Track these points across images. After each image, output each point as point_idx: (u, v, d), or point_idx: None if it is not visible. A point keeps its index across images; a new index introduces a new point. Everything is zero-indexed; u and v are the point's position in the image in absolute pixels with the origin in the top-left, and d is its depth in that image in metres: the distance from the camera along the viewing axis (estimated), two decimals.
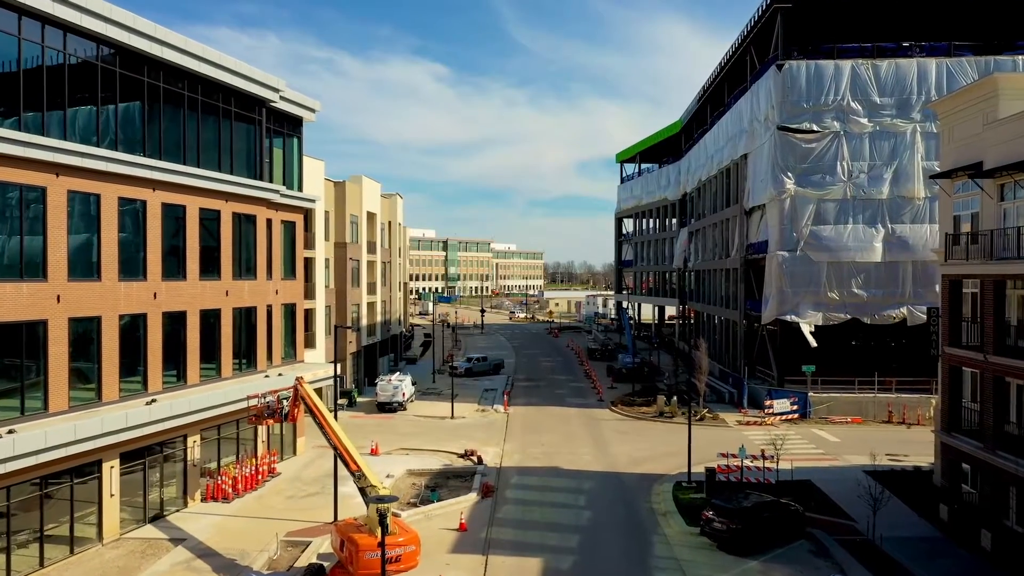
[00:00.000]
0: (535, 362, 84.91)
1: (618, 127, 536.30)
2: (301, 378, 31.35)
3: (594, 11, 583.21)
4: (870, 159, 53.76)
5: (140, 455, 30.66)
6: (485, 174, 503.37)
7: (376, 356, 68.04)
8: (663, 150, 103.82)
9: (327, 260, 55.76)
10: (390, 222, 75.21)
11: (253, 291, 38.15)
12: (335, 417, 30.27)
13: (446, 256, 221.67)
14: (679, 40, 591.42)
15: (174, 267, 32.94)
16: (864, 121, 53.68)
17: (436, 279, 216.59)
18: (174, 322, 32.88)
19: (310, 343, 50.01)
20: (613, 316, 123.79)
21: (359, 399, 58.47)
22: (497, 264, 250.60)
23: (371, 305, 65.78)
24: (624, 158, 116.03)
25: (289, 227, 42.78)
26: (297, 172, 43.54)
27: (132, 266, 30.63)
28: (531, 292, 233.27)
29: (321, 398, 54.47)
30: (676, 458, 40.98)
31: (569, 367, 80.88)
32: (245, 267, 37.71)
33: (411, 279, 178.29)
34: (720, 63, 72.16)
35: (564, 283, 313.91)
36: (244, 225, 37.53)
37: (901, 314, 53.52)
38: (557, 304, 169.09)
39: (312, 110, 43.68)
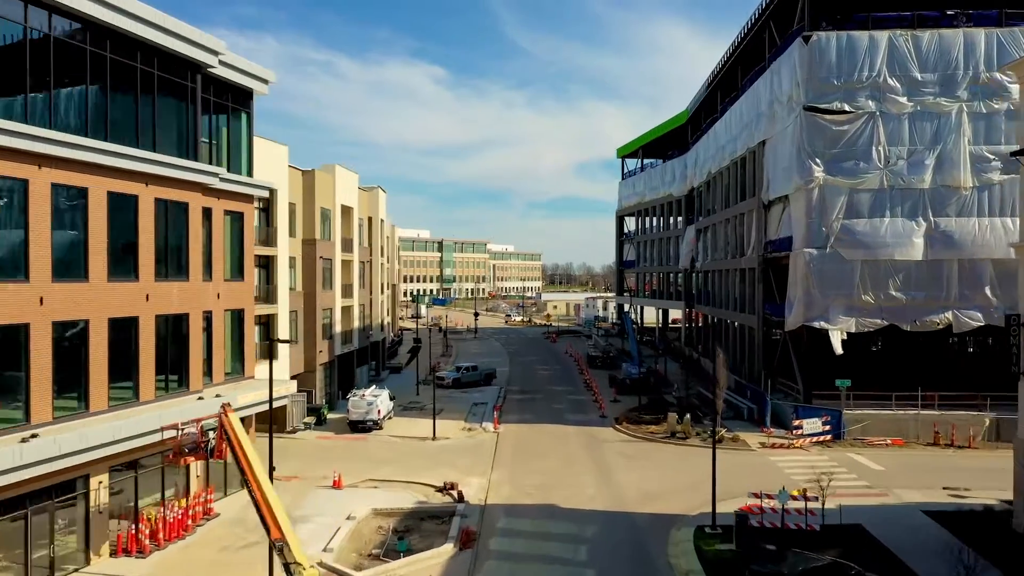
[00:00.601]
0: (531, 371, 78.24)
1: (617, 129, 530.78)
2: (227, 404, 24.91)
3: (593, 13, 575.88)
4: (910, 143, 47.14)
5: (20, 504, 24.00)
6: (484, 175, 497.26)
7: (353, 366, 61.33)
8: (667, 143, 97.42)
9: (292, 259, 49.06)
10: (371, 218, 68.58)
11: (184, 295, 31.54)
12: (271, 456, 23.74)
13: (441, 257, 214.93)
14: (678, 42, 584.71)
15: (71, 265, 26.23)
16: (903, 100, 47.06)
17: (431, 281, 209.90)
18: (70, 334, 26.23)
19: (270, 355, 43.18)
20: (615, 320, 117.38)
21: (329, 416, 51.68)
22: (494, 265, 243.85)
23: (346, 309, 59.06)
24: (625, 153, 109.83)
25: (235, 219, 36.19)
26: (246, 154, 36.99)
27: (8, 264, 24.03)
28: (529, 294, 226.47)
29: (287, 415, 48.13)
30: (695, 492, 34.47)
31: (568, 377, 74.19)
32: (173, 265, 31.08)
33: (404, 281, 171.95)
34: (732, 44, 65.64)
35: (563, 285, 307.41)
36: (172, 214, 30.90)
37: (946, 319, 46.89)
38: (555, 307, 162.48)
39: (265, 81, 37.13)
